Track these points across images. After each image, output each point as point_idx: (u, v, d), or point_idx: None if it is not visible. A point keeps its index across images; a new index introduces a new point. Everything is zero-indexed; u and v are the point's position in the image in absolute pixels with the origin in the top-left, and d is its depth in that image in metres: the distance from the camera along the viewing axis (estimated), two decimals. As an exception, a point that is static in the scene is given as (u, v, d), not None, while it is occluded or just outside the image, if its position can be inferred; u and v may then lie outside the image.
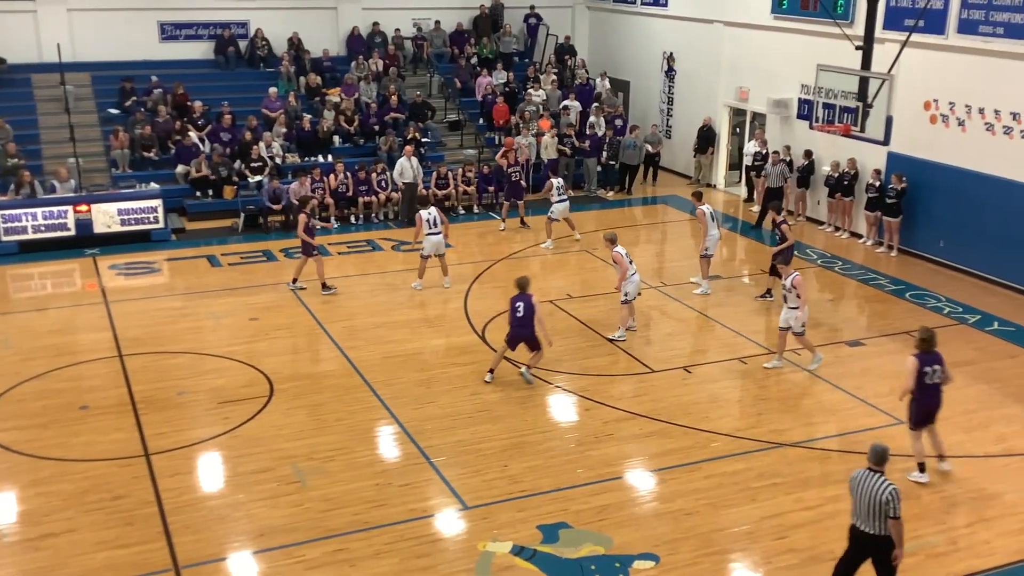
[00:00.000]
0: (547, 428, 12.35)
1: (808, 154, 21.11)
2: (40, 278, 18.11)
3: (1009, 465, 11.45)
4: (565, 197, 19.88)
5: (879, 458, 8.30)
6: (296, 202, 20.69)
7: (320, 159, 22.75)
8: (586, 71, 27.57)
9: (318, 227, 17.35)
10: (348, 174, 21.36)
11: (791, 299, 13.60)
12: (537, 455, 11.57)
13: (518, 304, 13.23)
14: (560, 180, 20.20)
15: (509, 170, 21.10)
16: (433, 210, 17.27)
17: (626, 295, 14.95)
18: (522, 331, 13.25)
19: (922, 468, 11.04)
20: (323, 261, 17.26)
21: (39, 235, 19.19)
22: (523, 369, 13.59)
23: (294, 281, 17.11)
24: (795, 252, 16.83)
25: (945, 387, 11.00)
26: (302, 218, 16.82)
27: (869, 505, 8.20)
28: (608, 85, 27.05)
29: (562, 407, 13.01)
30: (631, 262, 14.96)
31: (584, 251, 19.62)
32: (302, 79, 25.31)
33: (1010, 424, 12.47)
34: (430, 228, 17.00)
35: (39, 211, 19.20)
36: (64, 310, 16.42)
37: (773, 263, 16.03)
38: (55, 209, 19.30)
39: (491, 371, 13.52)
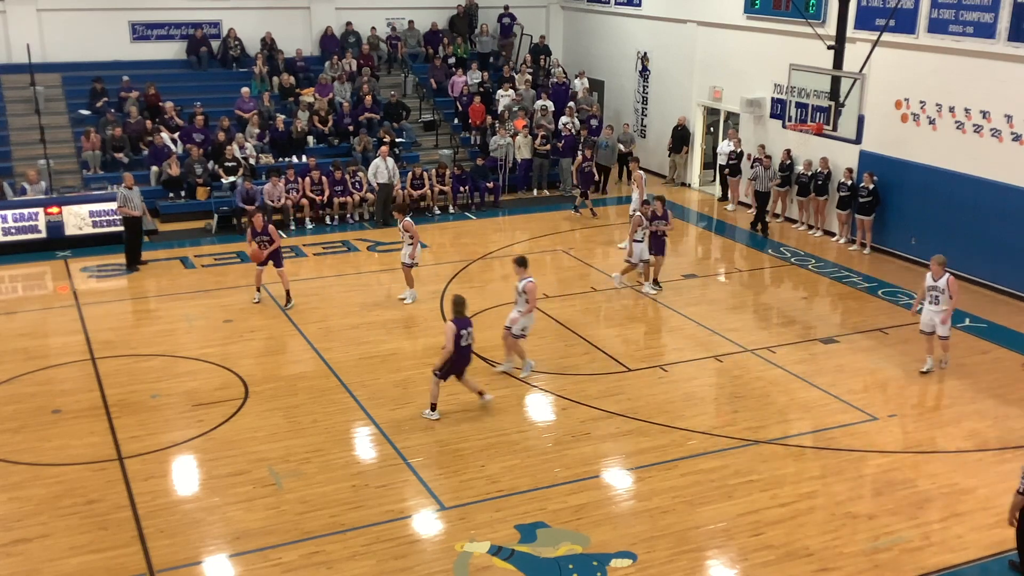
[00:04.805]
0: (524, 428, 12.35)
1: (788, 153, 21.23)
2: (11, 281, 17.90)
3: (981, 460, 11.57)
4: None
5: None
6: (270, 202, 20.60)
7: (294, 159, 22.65)
8: (563, 70, 27.63)
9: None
10: (323, 176, 21.29)
11: (520, 303, 13.42)
12: (514, 455, 11.57)
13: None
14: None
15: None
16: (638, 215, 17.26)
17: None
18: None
19: (433, 408, 12.35)
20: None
21: (9, 237, 18.97)
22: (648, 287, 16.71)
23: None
24: (768, 250, 17.03)
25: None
26: None
27: None
28: (586, 84, 27.13)
29: (539, 407, 13.02)
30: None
31: (559, 251, 19.66)
32: (275, 79, 25.18)
33: (982, 419, 12.60)
34: (640, 237, 16.87)
35: (9, 213, 18.98)
36: (35, 313, 16.24)
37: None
38: (25, 211, 19.09)
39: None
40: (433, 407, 12.38)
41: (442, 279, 17.69)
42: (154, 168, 21.74)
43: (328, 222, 21.42)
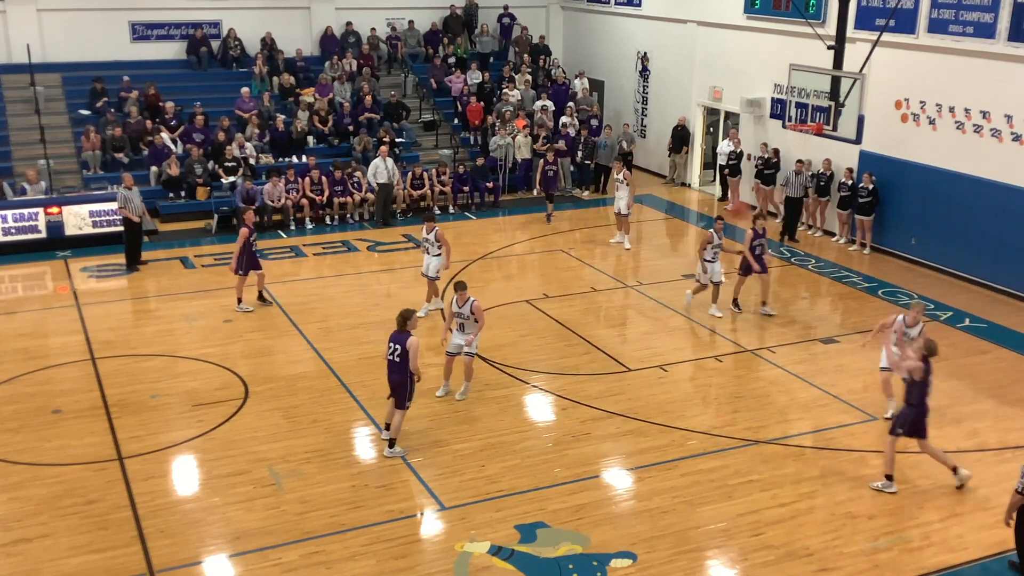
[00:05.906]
0: (524, 428, 12.35)
1: (776, 152, 21.23)
2: (11, 281, 17.90)
3: (981, 460, 11.56)
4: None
5: None
6: (270, 202, 20.59)
7: (294, 159, 22.64)
8: (563, 71, 27.63)
9: None
10: (323, 176, 21.27)
11: (468, 326, 12.71)
12: (514, 455, 11.57)
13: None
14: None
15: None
16: (711, 232, 16.08)
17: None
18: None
19: (393, 443, 11.60)
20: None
21: (9, 237, 18.97)
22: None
23: None
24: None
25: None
26: None
27: None
28: (586, 85, 27.13)
29: (539, 407, 13.01)
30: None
31: (560, 251, 19.66)
32: (275, 79, 25.18)
33: (982, 419, 12.60)
34: (711, 256, 16.01)
35: (9, 213, 18.98)
36: (35, 313, 16.24)
37: None
38: (25, 211, 19.09)
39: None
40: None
41: (442, 279, 17.66)
42: (154, 168, 21.73)
43: (328, 222, 21.42)
